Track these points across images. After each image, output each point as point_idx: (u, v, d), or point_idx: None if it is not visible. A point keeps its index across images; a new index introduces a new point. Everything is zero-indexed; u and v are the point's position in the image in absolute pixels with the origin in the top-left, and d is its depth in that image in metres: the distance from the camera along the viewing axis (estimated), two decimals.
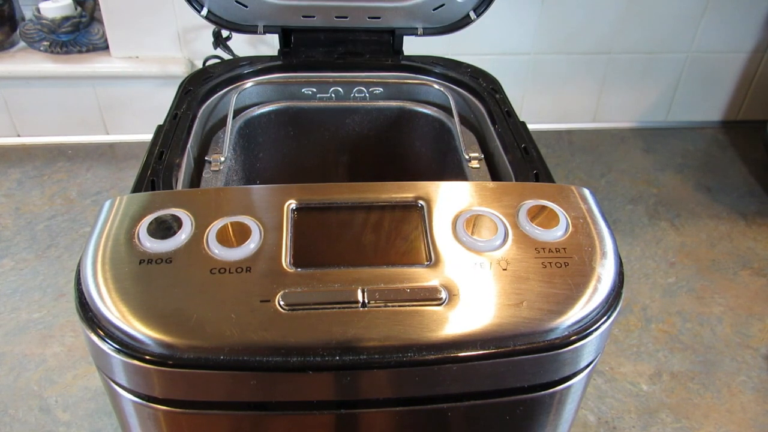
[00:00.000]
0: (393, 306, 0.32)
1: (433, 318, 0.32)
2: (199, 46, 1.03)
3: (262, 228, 0.35)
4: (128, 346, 0.31)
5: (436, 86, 0.60)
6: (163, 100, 1.02)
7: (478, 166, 0.50)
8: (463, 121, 0.58)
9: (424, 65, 0.62)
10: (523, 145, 0.48)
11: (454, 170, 0.55)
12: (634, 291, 0.86)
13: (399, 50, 0.64)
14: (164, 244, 0.34)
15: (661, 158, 1.14)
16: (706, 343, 0.79)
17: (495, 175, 0.51)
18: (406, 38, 0.64)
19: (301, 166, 0.62)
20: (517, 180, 0.45)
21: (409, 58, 0.63)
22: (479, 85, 0.59)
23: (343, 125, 0.60)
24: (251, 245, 0.34)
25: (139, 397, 0.34)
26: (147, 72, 1.03)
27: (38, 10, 1.03)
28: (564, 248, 0.35)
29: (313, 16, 0.60)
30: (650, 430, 0.69)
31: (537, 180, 0.44)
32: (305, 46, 0.63)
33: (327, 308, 0.32)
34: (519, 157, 0.47)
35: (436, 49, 0.69)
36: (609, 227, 0.37)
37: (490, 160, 0.52)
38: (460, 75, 0.61)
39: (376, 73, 0.61)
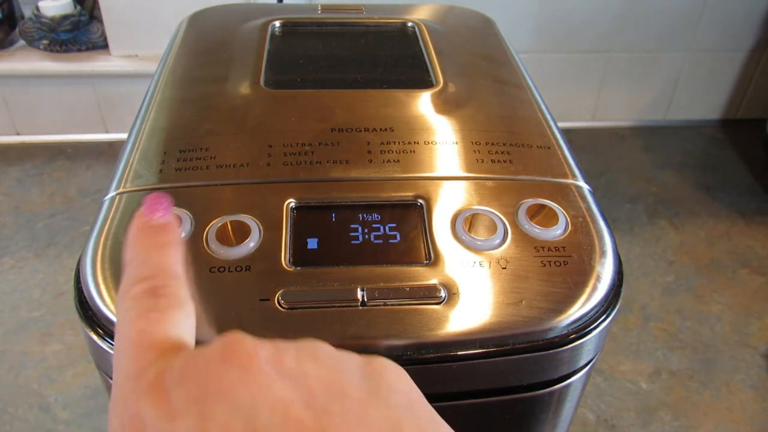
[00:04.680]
0: (392, 305, 0.32)
1: (433, 317, 0.32)
2: None
3: (261, 227, 0.35)
4: None
5: None
6: None
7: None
8: None
9: None
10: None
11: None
12: (634, 290, 0.86)
13: None
14: None
15: (661, 157, 1.14)
16: (705, 341, 0.80)
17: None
18: None
19: None
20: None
21: None
22: None
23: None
24: (251, 244, 0.34)
25: None
26: (146, 70, 1.03)
27: (38, 8, 1.03)
28: (563, 247, 0.35)
29: None
30: (649, 429, 0.70)
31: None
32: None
33: (326, 307, 0.32)
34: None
35: None
36: (608, 226, 0.37)
37: None
38: None
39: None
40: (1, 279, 0.84)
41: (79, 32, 1.05)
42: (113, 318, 0.31)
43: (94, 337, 0.32)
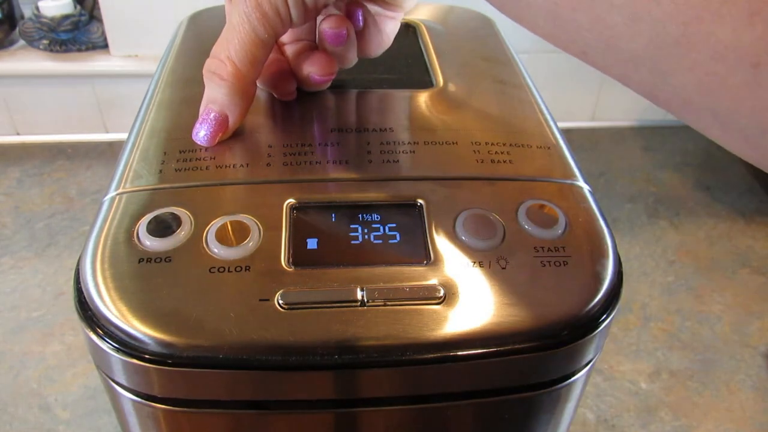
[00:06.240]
0: (392, 305, 0.32)
1: (432, 317, 0.32)
2: None
3: (261, 227, 0.35)
4: (127, 345, 0.31)
5: None
6: None
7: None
8: None
9: None
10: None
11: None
12: (633, 289, 0.86)
13: None
14: (164, 242, 0.34)
15: (661, 157, 1.14)
16: (705, 341, 0.80)
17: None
18: None
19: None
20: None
21: None
22: None
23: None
24: (250, 244, 0.34)
25: (138, 395, 0.34)
26: (146, 70, 1.03)
27: (37, 8, 1.03)
28: (563, 247, 0.35)
29: None
30: (649, 429, 0.70)
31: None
32: None
33: (326, 307, 0.32)
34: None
35: None
36: (608, 226, 0.37)
37: None
38: None
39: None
40: (1, 279, 0.84)
41: (79, 32, 1.05)
42: (113, 318, 0.31)
43: (94, 337, 0.32)
